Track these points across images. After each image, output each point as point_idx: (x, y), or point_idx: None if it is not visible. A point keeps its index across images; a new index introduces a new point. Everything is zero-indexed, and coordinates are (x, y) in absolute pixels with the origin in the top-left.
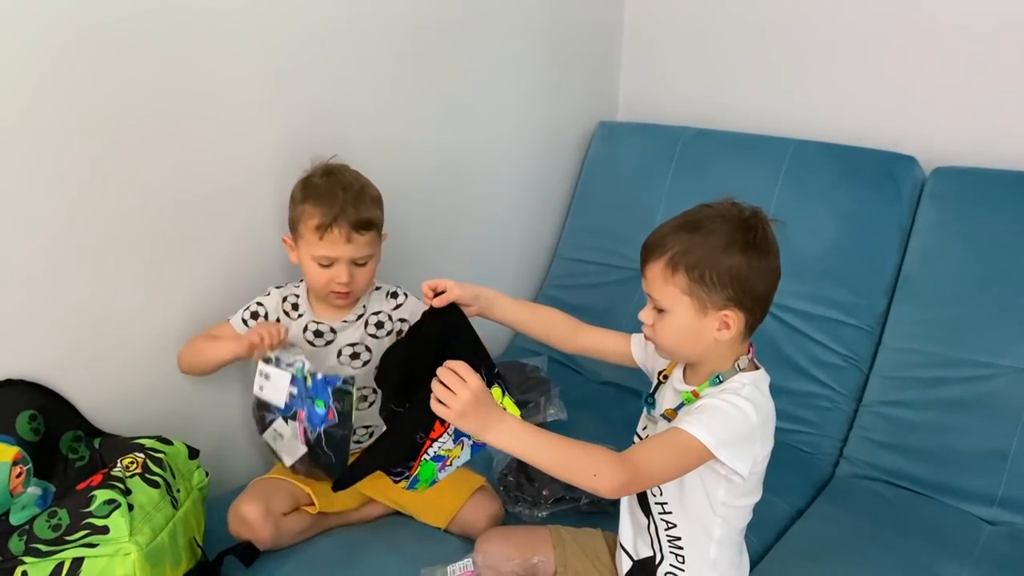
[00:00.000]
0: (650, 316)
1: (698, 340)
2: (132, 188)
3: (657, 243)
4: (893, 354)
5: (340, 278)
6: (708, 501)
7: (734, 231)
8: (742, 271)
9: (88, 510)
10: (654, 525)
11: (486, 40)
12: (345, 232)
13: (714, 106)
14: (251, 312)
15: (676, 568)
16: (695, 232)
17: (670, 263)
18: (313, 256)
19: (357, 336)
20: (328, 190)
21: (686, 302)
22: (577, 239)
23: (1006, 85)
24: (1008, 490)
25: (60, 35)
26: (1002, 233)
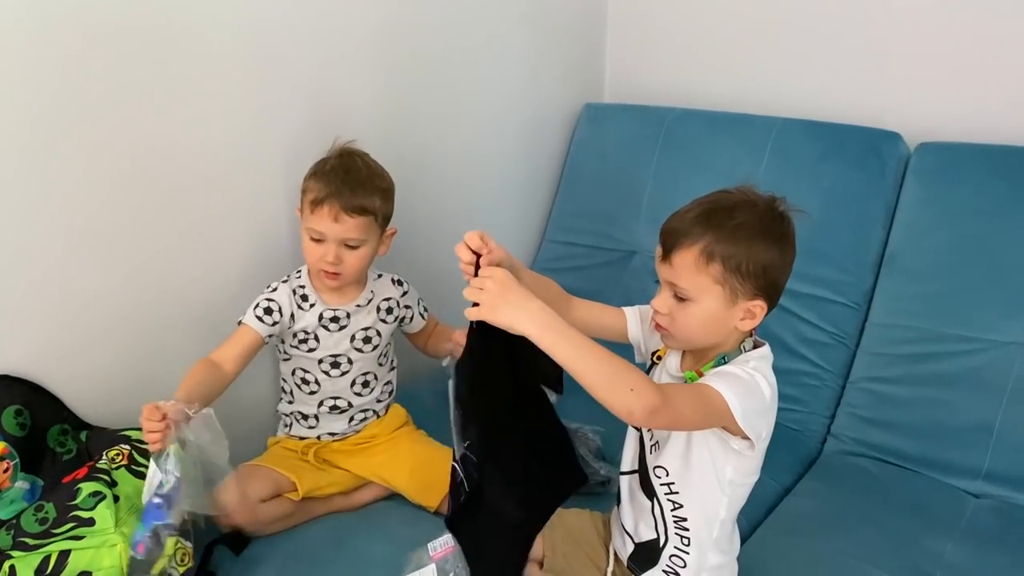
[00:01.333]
0: (667, 305)
1: (719, 330)
2: (117, 179)
3: (687, 230)
4: (879, 330)
5: (327, 256)
6: (716, 480)
7: (769, 221)
8: (774, 262)
9: (74, 503)
10: (659, 507)
11: (471, 23)
12: (334, 211)
13: (699, 86)
14: (264, 308)
15: (681, 549)
16: (729, 220)
17: (705, 251)
18: (306, 229)
19: (370, 320)
20: (332, 169)
21: (717, 292)
22: (565, 221)
23: (989, 60)
24: (993, 464)
25: (41, 27)
26: (986, 207)
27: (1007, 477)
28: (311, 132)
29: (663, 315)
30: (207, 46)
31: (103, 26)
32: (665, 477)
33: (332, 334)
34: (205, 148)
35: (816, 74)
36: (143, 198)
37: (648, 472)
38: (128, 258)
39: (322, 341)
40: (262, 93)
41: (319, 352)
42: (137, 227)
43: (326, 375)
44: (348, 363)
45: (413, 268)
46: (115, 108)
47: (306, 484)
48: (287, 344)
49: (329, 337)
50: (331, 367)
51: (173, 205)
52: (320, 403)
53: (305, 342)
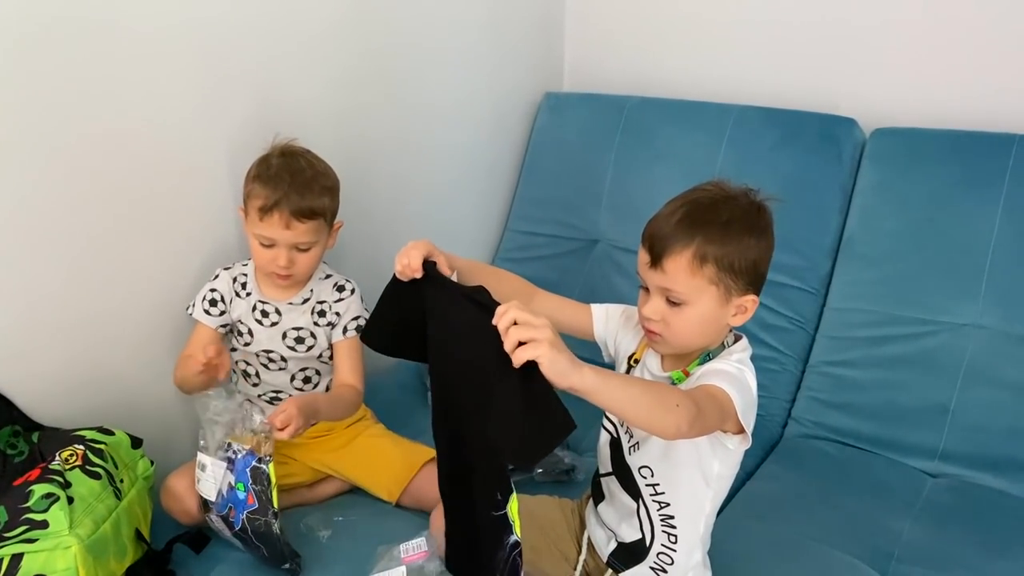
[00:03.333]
0: (659, 311)
1: (714, 329)
2: (63, 175)
3: (676, 234)
4: (837, 314)
5: (279, 261)
6: (702, 476)
7: (750, 215)
8: (760, 255)
9: (26, 505)
10: (644, 507)
11: (428, 13)
12: (285, 219)
13: (658, 74)
14: (209, 300)
15: (668, 547)
16: (715, 218)
17: (698, 254)
18: (255, 235)
19: (303, 321)
20: (276, 173)
21: (712, 292)
22: (527, 211)
23: (943, 46)
24: (949, 443)
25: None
26: (940, 191)
27: (962, 456)
28: (259, 125)
29: (656, 321)
30: (150, 37)
31: (42, 18)
32: (651, 477)
33: (265, 329)
34: (152, 143)
35: (772, 61)
36: (90, 194)
37: (631, 473)
38: (77, 255)
39: (256, 335)
40: (207, 85)
41: (253, 347)
42: (85, 224)
43: (265, 368)
44: (282, 360)
45: (371, 262)
46: (58, 103)
47: None
48: (233, 336)
49: (263, 331)
50: (268, 361)
51: (121, 201)
52: (260, 395)
53: (241, 335)
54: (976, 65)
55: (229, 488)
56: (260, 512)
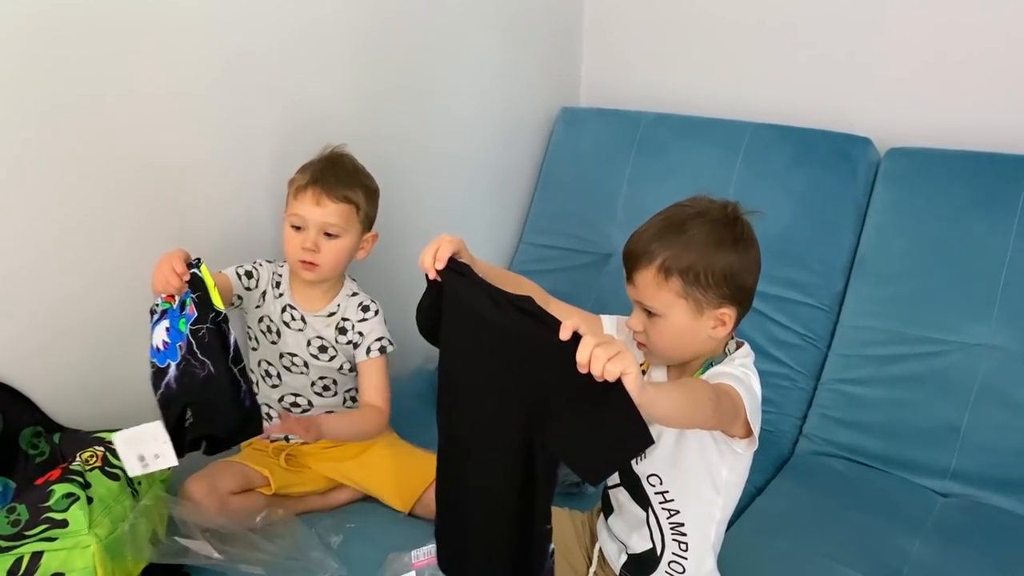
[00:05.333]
0: (640, 322)
1: (693, 341)
2: (91, 180)
3: (643, 249)
4: (850, 332)
5: (306, 242)
6: (712, 483)
7: (721, 228)
8: (734, 268)
9: (47, 504)
10: (654, 516)
11: (449, 25)
12: (316, 195)
13: (674, 91)
14: (247, 271)
15: (679, 556)
16: (681, 233)
17: (662, 269)
18: (288, 217)
19: (327, 333)
20: (319, 162)
21: (682, 305)
22: (542, 224)
23: (957, 67)
24: (960, 463)
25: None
26: (954, 211)
27: (973, 476)
28: (287, 134)
29: (639, 332)
30: (185, 47)
31: (80, 26)
32: (659, 485)
33: (292, 332)
34: (181, 150)
35: (789, 80)
36: (117, 199)
37: (640, 482)
38: (103, 259)
39: (283, 337)
40: (238, 94)
41: (280, 347)
42: (111, 228)
43: (287, 370)
44: (305, 366)
45: (386, 272)
46: (88, 109)
47: (278, 480)
48: (255, 329)
49: (290, 335)
50: (291, 364)
51: (147, 206)
52: (281, 398)
53: (270, 331)
54: (992, 86)
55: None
56: (201, 320)
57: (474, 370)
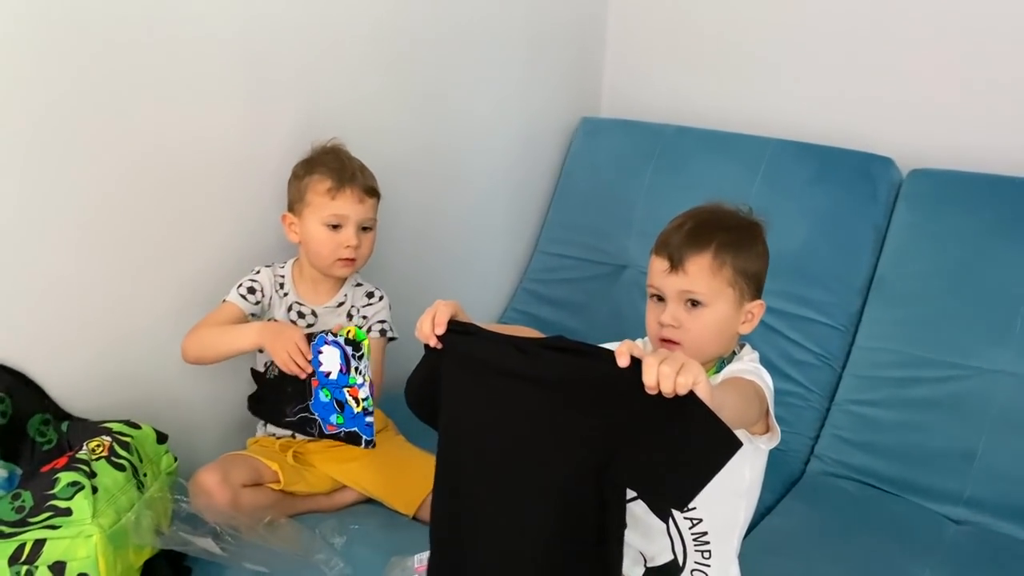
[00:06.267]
0: (678, 316)
1: (727, 334)
2: (110, 174)
3: (692, 240)
4: (866, 353)
5: (350, 240)
6: (733, 486)
7: (753, 225)
8: (764, 264)
9: (52, 492)
10: (675, 526)
11: (473, 32)
12: (358, 193)
13: (696, 105)
14: (248, 288)
15: (702, 565)
16: (725, 226)
17: (718, 255)
18: (323, 219)
19: (338, 323)
20: (335, 160)
21: (729, 295)
22: (557, 233)
23: (981, 90)
24: (974, 490)
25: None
26: (975, 235)
27: (987, 504)
28: (304, 135)
29: (675, 328)
30: (204, 45)
31: (100, 23)
32: None
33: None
34: (199, 146)
35: (812, 97)
36: (135, 194)
37: None
38: (119, 252)
39: None
40: (258, 94)
41: None
42: (128, 222)
43: None
44: None
45: (402, 277)
46: (110, 106)
47: (286, 476)
48: None
49: None
50: None
51: (164, 202)
52: None
53: None
54: (1017, 110)
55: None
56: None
57: (498, 430)
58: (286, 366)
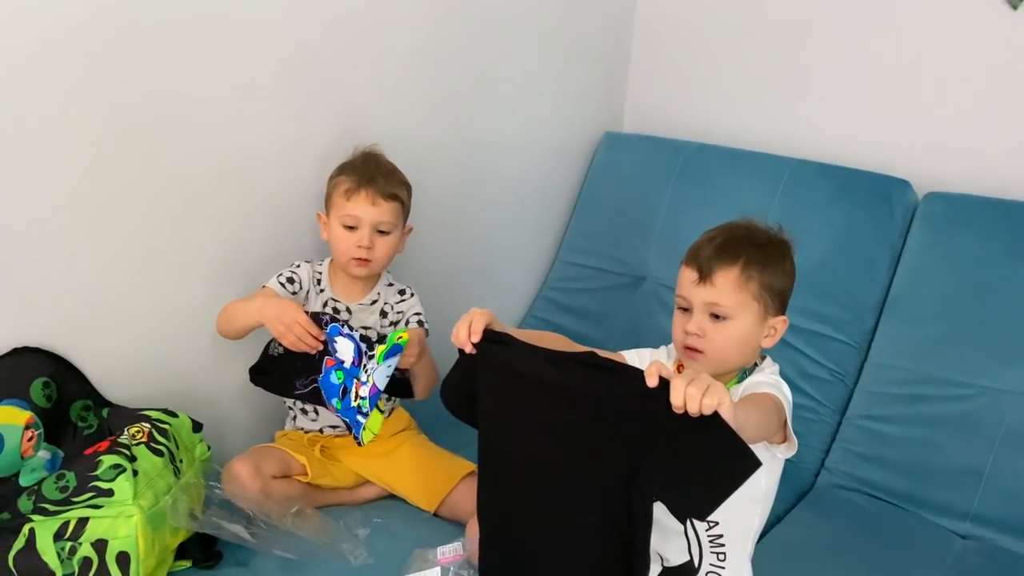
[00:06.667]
0: (704, 326)
1: (749, 346)
2: (149, 162)
3: (722, 253)
4: (878, 370)
5: (362, 241)
6: (749, 492)
7: (783, 244)
8: (789, 283)
9: (95, 474)
10: (693, 529)
11: (503, 45)
12: (371, 196)
13: (717, 122)
14: (287, 277)
15: (717, 567)
16: (755, 242)
17: (745, 270)
18: (340, 218)
19: (371, 320)
20: (362, 164)
21: (754, 308)
22: (578, 243)
23: (998, 118)
24: (982, 506)
25: (80, 16)
26: (988, 258)
27: (994, 520)
28: (339, 139)
29: (699, 337)
30: (247, 52)
31: (149, 26)
32: None
33: None
34: (242, 147)
35: (832, 118)
36: (179, 191)
37: None
38: (162, 244)
39: None
40: (296, 99)
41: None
42: (172, 215)
43: None
44: None
45: (429, 277)
46: (157, 109)
47: (313, 469)
48: None
49: None
50: None
51: (207, 199)
52: None
53: None
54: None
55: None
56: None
57: (531, 438)
58: (296, 347)
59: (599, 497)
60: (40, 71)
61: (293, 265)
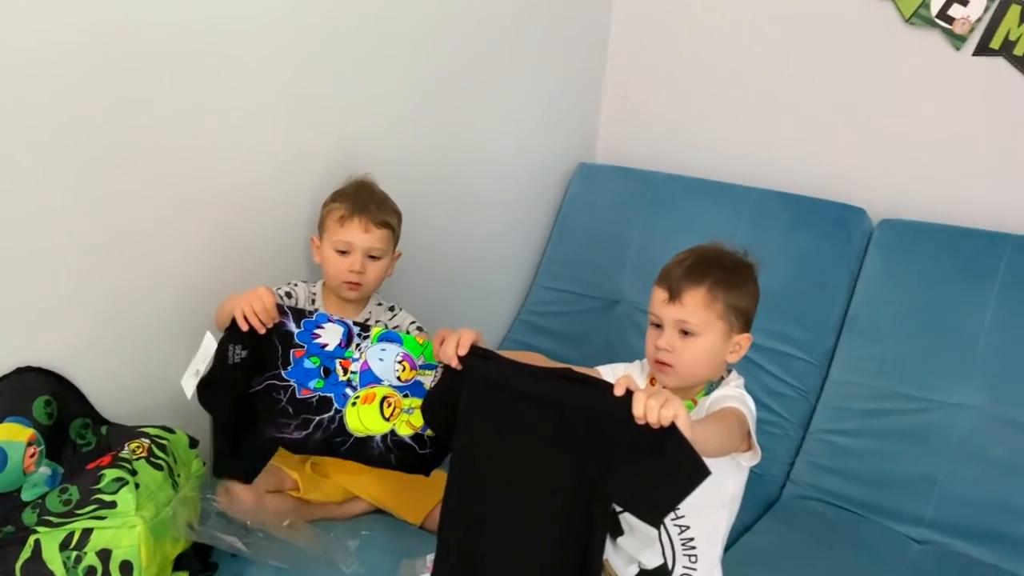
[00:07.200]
0: (674, 343)
1: (715, 362)
2: (150, 188)
3: (691, 274)
4: (838, 387)
5: (354, 266)
6: (718, 498)
7: (748, 267)
8: (754, 302)
9: (97, 487)
10: (667, 534)
11: (483, 88)
12: (363, 223)
13: (686, 154)
14: (286, 291)
15: (689, 568)
16: (722, 264)
17: (712, 290)
18: (333, 243)
19: None
20: (355, 192)
21: (720, 326)
22: (555, 269)
23: (947, 150)
24: (936, 513)
25: (85, 44)
26: (939, 281)
27: (947, 526)
28: (334, 168)
29: (669, 352)
30: (250, 84)
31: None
32: None
33: None
34: (242, 173)
35: (793, 151)
36: (180, 215)
37: None
38: (161, 270)
39: None
40: (295, 130)
41: None
42: (171, 242)
43: None
44: None
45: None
46: (160, 132)
47: (304, 485)
48: None
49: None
50: None
51: (206, 224)
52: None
53: None
54: (976, 167)
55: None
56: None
57: (509, 446)
58: (247, 315)
59: (566, 500)
60: (46, 99)
61: (292, 283)
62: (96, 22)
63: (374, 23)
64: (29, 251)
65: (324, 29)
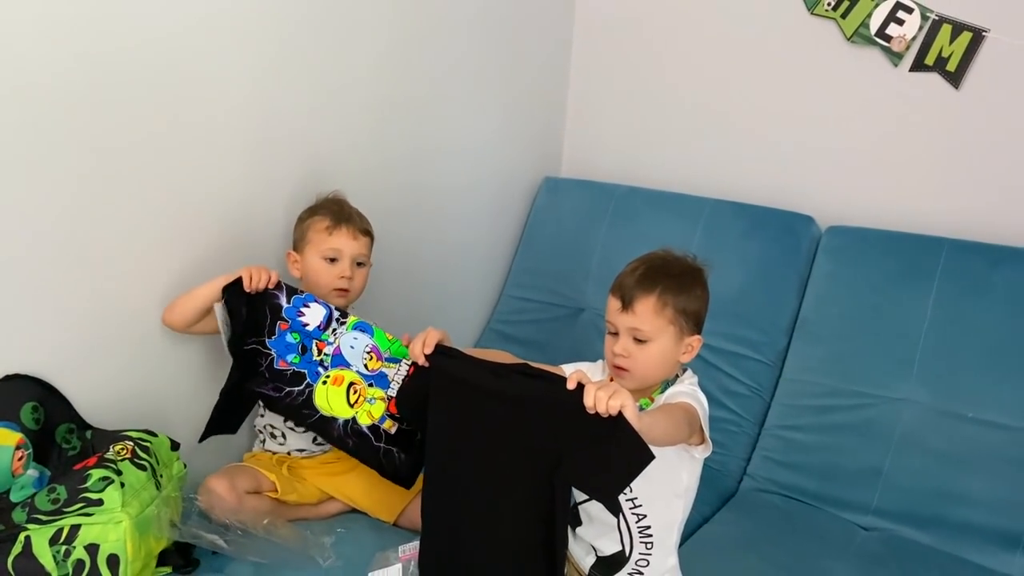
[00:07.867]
0: (628, 348)
1: (668, 364)
2: (131, 202)
3: (641, 284)
4: (791, 385)
5: (344, 272)
6: (672, 489)
7: (696, 271)
8: (704, 304)
9: (84, 486)
10: (624, 522)
11: (450, 104)
12: (352, 232)
13: (645, 167)
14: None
15: (645, 555)
16: (670, 272)
17: (661, 297)
18: (321, 252)
19: None
20: (335, 204)
21: (671, 331)
22: (522, 279)
23: (888, 161)
24: (881, 501)
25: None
26: (882, 282)
27: (892, 512)
28: (303, 184)
29: (625, 357)
30: (224, 104)
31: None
32: (630, 494)
33: None
34: (217, 189)
35: (745, 163)
36: (161, 227)
37: None
38: (143, 282)
39: None
40: (264, 148)
41: None
42: (152, 254)
43: None
44: None
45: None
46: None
47: (282, 486)
48: None
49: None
50: None
51: (187, 236)
52: (286, 418)
53: None
54: (916, 176)
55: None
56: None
57: (475, 437)
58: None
59: (530, 487)
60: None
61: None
62: (80, 53)
63: (341, 41)
64: (15, 264)
65: (289, 45)
